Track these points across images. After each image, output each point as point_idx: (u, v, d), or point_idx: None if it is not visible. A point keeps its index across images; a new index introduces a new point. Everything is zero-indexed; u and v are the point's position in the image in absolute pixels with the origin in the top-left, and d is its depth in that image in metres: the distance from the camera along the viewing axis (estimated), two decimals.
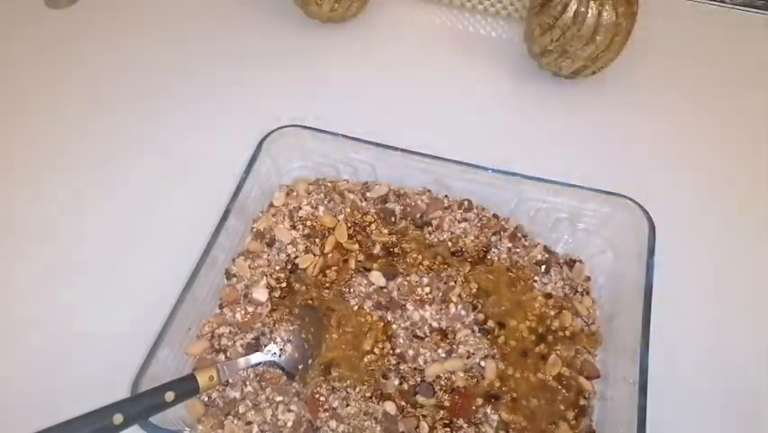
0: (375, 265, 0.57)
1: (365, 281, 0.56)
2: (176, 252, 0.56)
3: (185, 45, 0.80)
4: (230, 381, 0.50)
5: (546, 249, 0.59)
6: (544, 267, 0.58)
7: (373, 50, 0.81)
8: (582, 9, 0.67)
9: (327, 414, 0.48)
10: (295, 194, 0.61)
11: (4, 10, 0.84)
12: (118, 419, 0.42)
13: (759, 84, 0.79)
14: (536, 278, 0.57)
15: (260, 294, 0.54)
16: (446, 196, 0.61)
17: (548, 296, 0.56)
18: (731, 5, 0.87)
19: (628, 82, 0.77)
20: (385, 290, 0.55)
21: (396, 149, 0.59)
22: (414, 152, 0.59)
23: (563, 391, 0.51)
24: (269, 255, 0.57)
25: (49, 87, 0.75)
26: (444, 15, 0.85)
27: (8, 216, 0.64)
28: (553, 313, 0.55)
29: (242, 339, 0.52)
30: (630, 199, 0.55)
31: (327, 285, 0.56)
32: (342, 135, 0.60)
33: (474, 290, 0.55)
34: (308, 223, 0.59)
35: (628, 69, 0.76)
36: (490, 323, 0.54)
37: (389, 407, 0.49)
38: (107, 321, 0.57)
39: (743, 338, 0.57)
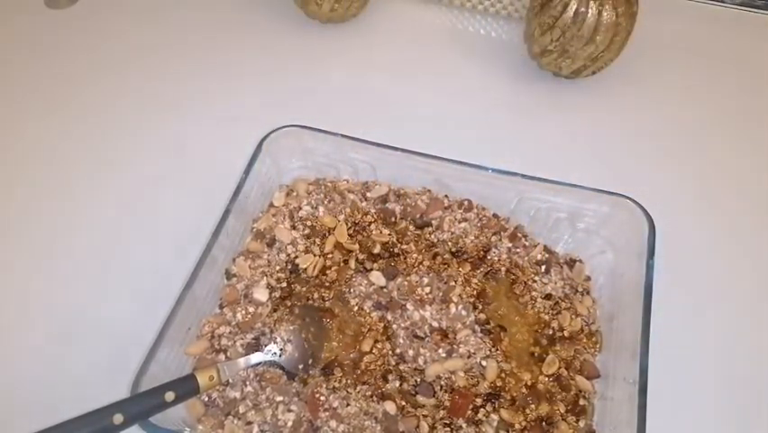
0: (375, 265, 0.57)
1: (365, 281, 0.56)
2: (176, 251, 0.56)
3: (185, 45, 0.80)
4: (230, 380, 0.50)
5: (546, 249, 0.59)
6: (544, 267, 0.58)
7: (373, 50, 0.81)
8: (582, 9, 0.67)
9: (327, 414, 0.48)
10: (295, 194, 0.61)
11: (4, 10, 0.84)
12: (118, 418, 0.42)
13: (759, 84, 0.79)
14: (536, 278, 0.57)
15: (261, 294, 0.54)
16: (446, 196, 0.61)
17: (548, 296, 0.56)
18: (731, 5, 0.87)
19: (628, 82, 0.77)
20: (385, 290, 0.55)
21: (396, 149, 0.59)
22: (414, 152, 0.59)
23: (562, 391, 0.51)
24: (269, 255, 0.57)
25: (48, 87, 0.75)
26: (444, 15, 0.85)
27: (7, 216, 0.64)
28: (552, 314, 0.55)
29: (242, 339, 0.52)
30: (630, 199, 0.55)
31: (327, 285, 0.56)
32: (342, 135, 0.60)
33: (475, 292, 0.55)
34: (308, 223, 0.59)
35: (628, 69, 0.76)
36: (491, 324, 0.54)
37: (389, 407, 0.49)
38: (107, 321, 0.57)
39: (743, 337, 0.57)
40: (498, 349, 0.53)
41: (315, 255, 0.57)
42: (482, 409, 0.50)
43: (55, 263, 0.61)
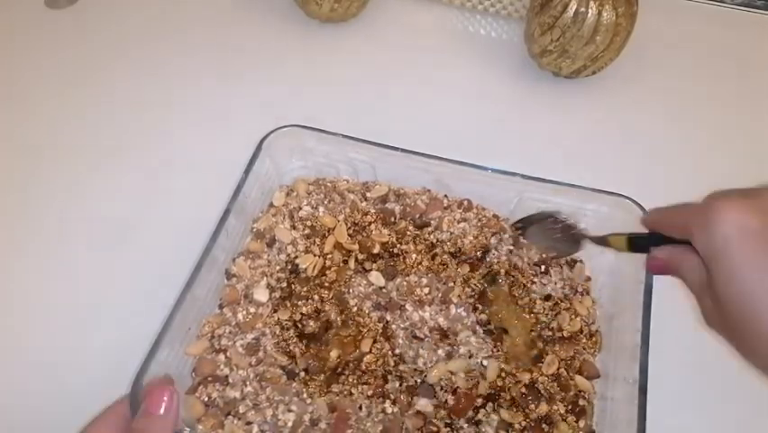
0: (374, 266, 0.57)
1: (364, 282, 0.56)
2: (176, 251, 0.56)
3: (185, 45, 0.80)
4: (230, 380, 0.50)
5: None
6: (543, 267, 0.57)
7: (373, 49, 0.81)
8: (582, 9, 0.67)
9: (352, 430, 0.48)
10: (295, 194, 0.61)
11: (4, 10, 0.84)
12: None
13: (759, 84, 0.79)
14: (536, 279, 0.57)
15: (261, 295, 0.54)
16: (446, 196, 0.61)
17: (547, 297, 0.56)
18: (731, 5, 0.87)
19: (628, 82, 0.77)
20: (384, 291, 0.55)
21: (396, 149, 0.59)
22: (414, 152, 0.59)
23: (562, 391, 0.51)
24: (269, 255, 0.57)
25: (48, 87, 0.75)
26: (444, 15, 0.85)
27: (6, 216, 0.64)
28: (551, 315, 0.55)
29: (242, 339, 0.52)
30: (630, 199, 0.55)
31: (327, 285, 0.56)
32: (342, 135, 0.60)
33: (475, 294, 0.55)
34: (308, 223, 0.59)
35: (628, 69, 0.76)
36: (492, 324, 0.54)
37: (390, 406, 0.49)
38: (107, 321, 0.57)
39: None
40: (499, 350, 0.53)
41: (315, 255, 0.57)
42: (482, 410, 0.50)
43: (54, 263, 0.61)
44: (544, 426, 0.49)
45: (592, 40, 0.69)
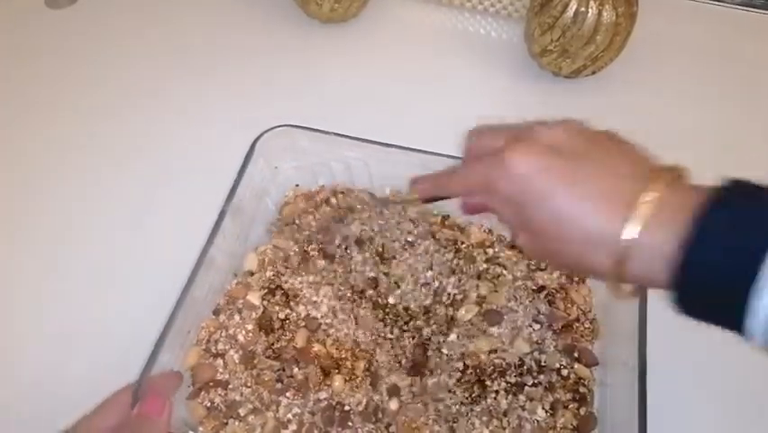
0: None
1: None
2: (174, 253, 0.56)
3: (184, 45, 0.80)
4: (230, 384, 0.50)
5: None
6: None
7: (373, 50, 0.81)
8: (582, 9, 0.67)
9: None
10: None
11: (4, 10, 0.84)
12: None
13: (759, 84, 0.78)
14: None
15: (254, 298, 0.55)
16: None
17: (541, 288, 0.56)
18: (731, 5, 0.87)
19: (628, 82, 0.77)
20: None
21: (390, 145, 0.58)
22: (410, 149, 0.58)
23: (562, 379, 0.51)
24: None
25: (48, 87, 0.76)
26: (444, 15, 0.85)
27: (6, 216, 0.64)
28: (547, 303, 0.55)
29: (236, 344, 0.52)
30: None
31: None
32: (335, 134, 0.59)
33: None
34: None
35: (628, 69, 0.76)
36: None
37: (393, 404, 0.50)
38: (106, 323, 0.56)
39: None
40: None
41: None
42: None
43: (53, 264, 0.61)
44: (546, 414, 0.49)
45: (592, 40, 0.68)
